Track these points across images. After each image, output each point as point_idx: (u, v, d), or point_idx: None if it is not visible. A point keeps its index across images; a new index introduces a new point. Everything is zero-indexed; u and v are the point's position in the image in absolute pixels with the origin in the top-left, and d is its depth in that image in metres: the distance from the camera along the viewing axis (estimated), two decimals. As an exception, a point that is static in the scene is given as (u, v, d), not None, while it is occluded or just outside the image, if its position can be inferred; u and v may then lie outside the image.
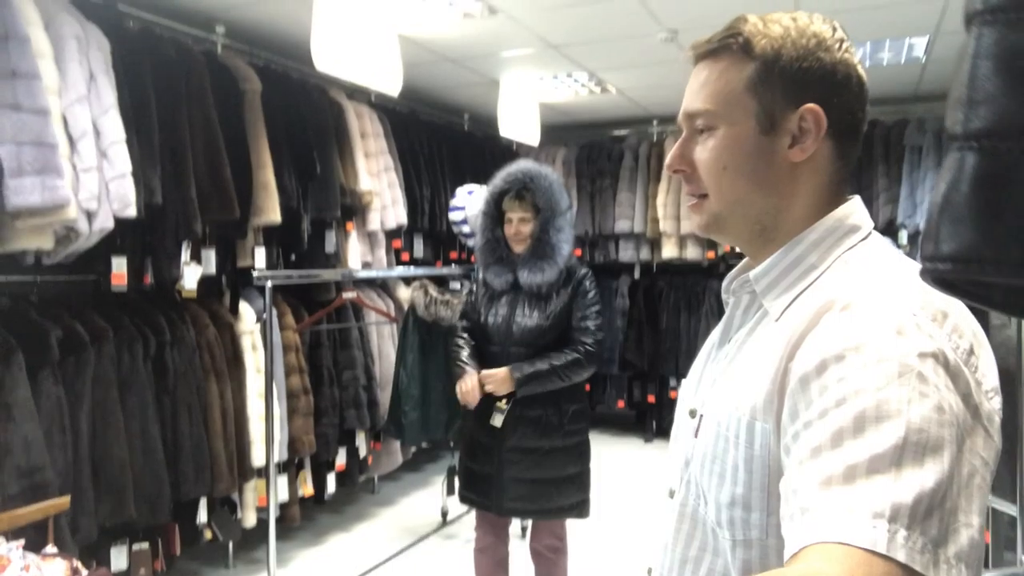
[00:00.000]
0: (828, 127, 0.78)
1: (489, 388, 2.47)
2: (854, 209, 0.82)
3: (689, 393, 0.91)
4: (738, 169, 0.81)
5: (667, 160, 0.87)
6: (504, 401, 2.47)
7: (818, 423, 0.64)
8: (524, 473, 2.50)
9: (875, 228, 0.82)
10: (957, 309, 0.69)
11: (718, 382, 0.84)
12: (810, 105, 0.78)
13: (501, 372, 2.44)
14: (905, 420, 0.59)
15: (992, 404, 0.67)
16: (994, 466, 0.66)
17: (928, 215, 0.40)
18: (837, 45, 0.79)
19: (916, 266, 0.74)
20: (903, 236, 4.89)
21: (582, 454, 2.59)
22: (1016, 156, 0.35)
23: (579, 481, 2.58)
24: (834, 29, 0.81)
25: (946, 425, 0.60)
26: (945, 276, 0.40)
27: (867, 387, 0.62)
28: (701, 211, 0.85)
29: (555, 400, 2.50)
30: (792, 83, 0.78)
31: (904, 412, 0.60)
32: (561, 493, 2.53)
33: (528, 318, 2.49)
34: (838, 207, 0.81)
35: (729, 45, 0.81)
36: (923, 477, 0.58)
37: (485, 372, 2.48)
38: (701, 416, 0.84)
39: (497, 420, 2.48)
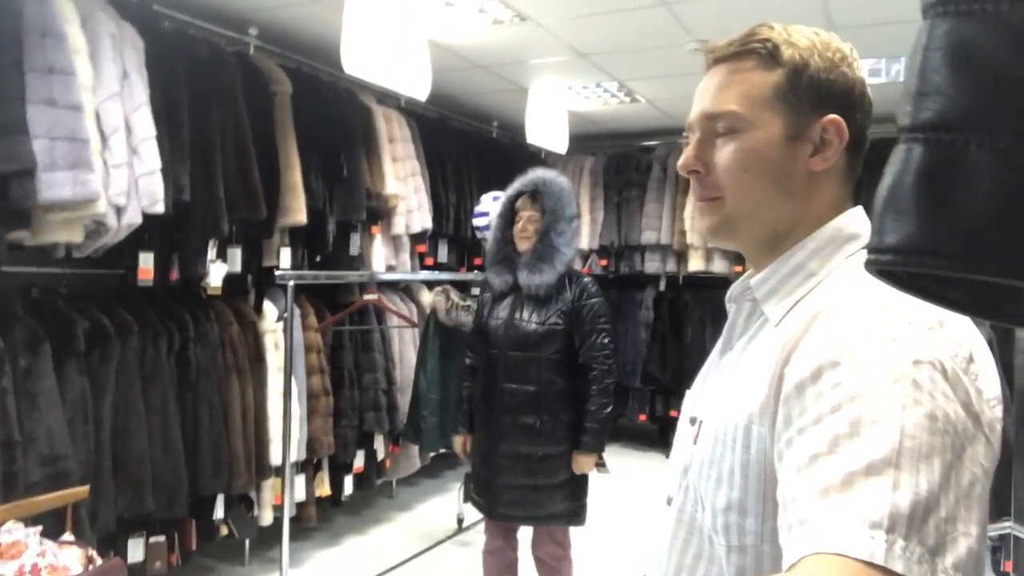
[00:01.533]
0: (848, 137, 0.80)
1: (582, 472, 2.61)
2: (855, 217, 0.82)
3: (691, 401, 0.92)
4: (761, 173, 0.81)
5: (680, 161, 0.86)
6: (597, 466, 2.63)
7: (813, 429, 0.63)
8: (516, 479, 2.54)
9: None
10: (956, 318, 0.68)
11: (718, 389, 0.85)
12: (833, 116, 0.79)
13: (582, 460, 2.55)
14: (899, 426, 0.59)
15: (994, 413, 0.66)
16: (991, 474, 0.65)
17: (874, 208, 0.39)
18: (856, 63, 0.82)
19: None
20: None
21: None
22: (961, 148, 0.34)
23: (573, 488, 2.60)
24: (845, 44, 0.83)
25: (938, 433, 0.59)
26: (888, 268, 0.39)
27: (862, 392, 0.62)
28: (713, 212, 0.84)
29: (550, 408, 2.53)
30: (817, 93, 0.80)
31: (898, 418, 0.59)
32: (552, 500, 2.56)
33: (525, 322, 2.54)
34: (838, 216, 0.82)
35: (755, 50, 0.81)
36: (918, 485, 0.57)
37: (577, 471, 2.57)
38: (700, 423, 0.85)
39: (606, 471, 2.67)
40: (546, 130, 4.76)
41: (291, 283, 2.94)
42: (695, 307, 5.56)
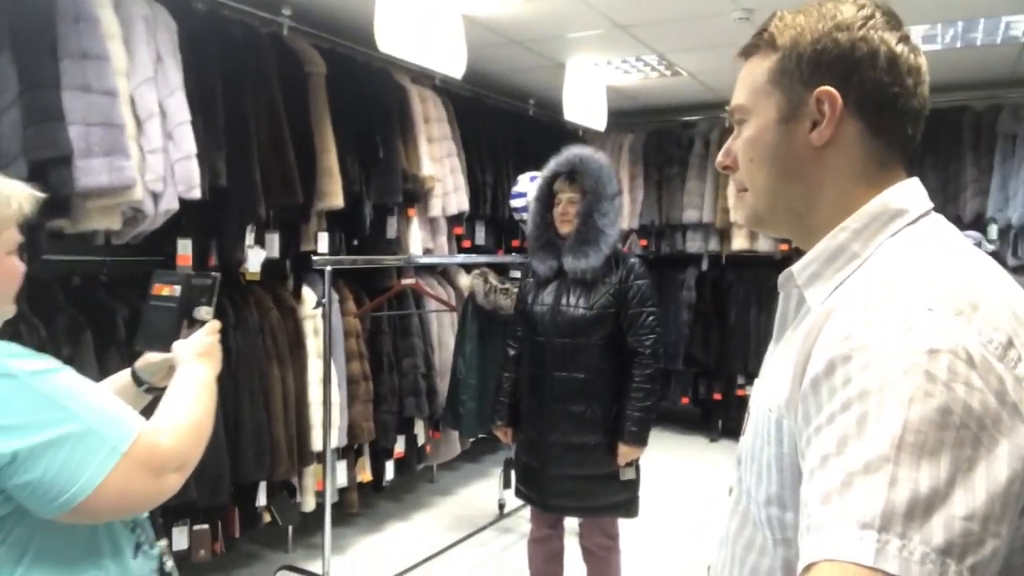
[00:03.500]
0: (851, 107, 0.76)
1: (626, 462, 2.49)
2: (903, 191, 0.78)
3: (753, 391, 0.90)
4: (763, 160, 0.81)
5: (717, 158, 0.89)
6: (630, 468, 2.52)
7: (827, 429, 0.62)
8: (568, 469, 2.46)
9: (963, 221, 0.72)
10: (994, 300, 0.64)
11: (765, 379, 0.84)
12: (824, 88, 0.76)
13: (626, 451, 2.43)
14: (903, 419, 0.57)
15: None
16: None
17: None
18: (859, 23, 0.77)
19: (968, 251, 0.72)
20: (993, 231, 4.54)
21: None
22: None
23: (626, 480, 2.50)
24: (861, 7, 0.78)
25: (951, 428, 0.56)
26: None
27: (871, 388, 0.59)
28: (742, 205, 0.87)
29: (599, 395, 2.44)
30: (808, 68, 0.78)
31: (904, 410, 0.57)
32: (606, 491, 2.48)
33: (573, 307, 2.44)
34: (884, 190, 0.77)
35: (759, 41, 0.83)
36: (918, 481, 0.55)
37: (622, 462, 2.46)
38: (748, 413, 0.86)
39: (631, 474, 2.52)
40: (584, 107, 4.63)
41: (328, 268, 2.89)
42: (739, 287, 5.41)
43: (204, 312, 1.35)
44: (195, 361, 1.27)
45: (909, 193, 0.78)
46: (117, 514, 1.11)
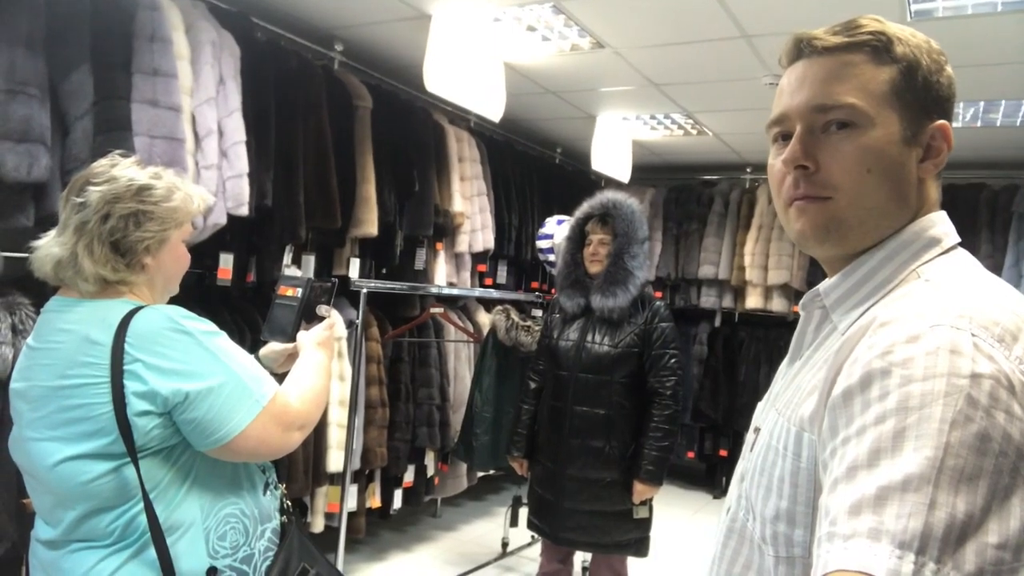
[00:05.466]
0: None
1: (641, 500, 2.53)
2: (936, 221, 0.77)
3: (758, 412, 0.89)
4: (884, 174, 0.75)
5: (786, 155, 0.78)
6: (643, 507, 2.56)
7: (856, 440, 0.61)
8: (583, 504, 2.50)
9: None
10: None
11: (779, 397, 0.82)
12: (943, 122, 0.76)
13: (641, 489, 2.48)
14: (944, 443, 0.56)
15: None
16: None
17: None
18: (945, 59, 0.78)
19: (1000, 284, 0.71)
20: (1006, 306, 4.62)
21: None
22: None
23: (640, 519, 2.53)
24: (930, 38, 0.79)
25: (990, 454, 0.56)
26: None
27: (911, 405, 0.58)
28: (820, 212, 0.77)
29: (619, 432, 2.49)
30: (927, 95, 0.76)
31: (944, 433, 0.56)
32: (619, 528, 2.51)
33: (598, 345, 2.50)
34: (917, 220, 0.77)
35: (868, 42, 0.76)
36: (955, 507, 0.54)
37: (636, 500, 2.50)
38: (758, 430, 0.83)
39: (644, 512, 2.56)
40: (610, 158, 4.78)
41: (364, 290, 2.98)
42: (750, 345, 5.47)
43: (324, 310, 1.58)
44: (316, 349, 1.49)
45: (941, 224, 0.78)
46: (253, 456, 1.32)
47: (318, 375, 1.44)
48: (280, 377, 1.42)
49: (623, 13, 2.97)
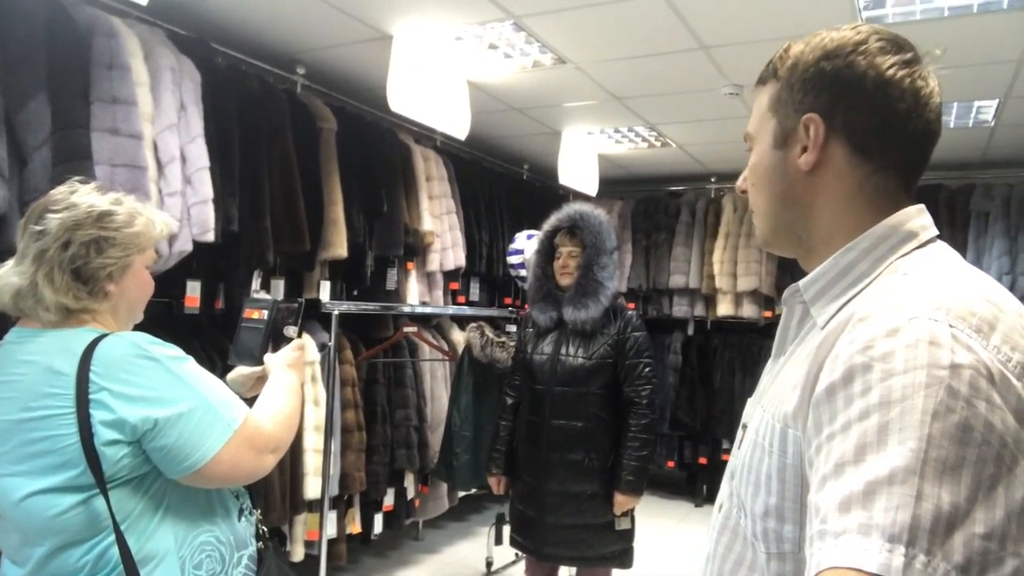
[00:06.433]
0: (837, 132, 0.78)
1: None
2: (912, 215, 0.78)
3: (748, 408, 0.91)
4: (761, 184, 0.86)
5: (736, 183, 0.93)
6: (625, 518, 2.53)
7: (841, 436, 0.61)
8: (565, 518, 2.48)
9: None
10: (1009, 320, 0.65)
11: (765, 394, 0.84)
12: (808, 114, 0.79)
13: (622, 500, 2.47)
14: (927, 433, 0.57)
15: None
16: None
17: None
18: (849, 50, 0.77)
19: (977, 275, 0.72)
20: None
21: None
22: None
23: (622, 530, 2.53)
24: (857, 33, 0.79)
25: (972, 444, 0.56)
26: None
27: (892, 399, 0.59)
28: (756, 228, 0.90)
29: (598, 444, 2.49)
30: (799, 95, 0.81)
31: (927, 425, 0.57)
32: (602, 541, 2.50)
33: (572, 357, 2.50)
34: (893, 213, 0.78)
35: (766, 74, 0.87)
36: (940, 498, 0.55)
37: (618, 511, 2.49)
38: (745, 427, 0.85)
39: (626, 523, 2.54)
40: (577, 173, 4.81)
41: (335, 312, 2.95)
42: (724, 352, 5.52)
43: (291, 331, 1.57)
44: (285, 370, 1.48)
45: (917, 218, 0.78)
46: (226, 482, 1.30)
47: (289, 396, 1.42)
48: (250, 401, 1.40)
49: (583, 29, 3.01)
